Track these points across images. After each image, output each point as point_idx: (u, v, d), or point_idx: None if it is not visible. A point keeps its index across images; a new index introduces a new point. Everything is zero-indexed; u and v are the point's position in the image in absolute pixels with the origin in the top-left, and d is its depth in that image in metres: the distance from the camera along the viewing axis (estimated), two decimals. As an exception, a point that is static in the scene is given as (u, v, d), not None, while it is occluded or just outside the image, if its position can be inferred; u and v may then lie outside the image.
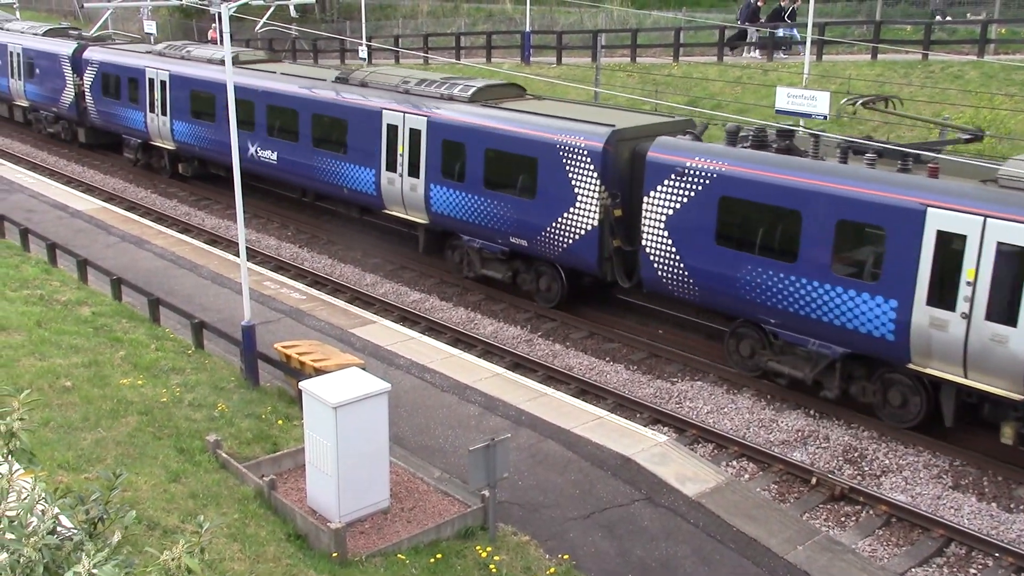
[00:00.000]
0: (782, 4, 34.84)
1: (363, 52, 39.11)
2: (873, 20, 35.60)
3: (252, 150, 27.15)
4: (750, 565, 11.96)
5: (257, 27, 36.37)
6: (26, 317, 17.49)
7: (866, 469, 14.96)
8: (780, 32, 34.82)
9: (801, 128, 19.24)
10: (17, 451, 4.58)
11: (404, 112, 22.54)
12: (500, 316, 21.20)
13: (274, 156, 26.72)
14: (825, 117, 22.27)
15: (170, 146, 31.34)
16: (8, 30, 40.15)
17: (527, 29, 41.07)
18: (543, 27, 45.45)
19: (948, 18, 34.59)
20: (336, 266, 24.78)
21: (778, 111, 23.06)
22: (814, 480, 14.43)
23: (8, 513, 4.45)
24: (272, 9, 29.42)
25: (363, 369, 13.33)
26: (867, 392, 16.05)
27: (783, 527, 12.64)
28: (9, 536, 4.34)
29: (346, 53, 47.42)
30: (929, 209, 14.23)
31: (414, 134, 22.34)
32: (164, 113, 30.79)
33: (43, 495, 4.58)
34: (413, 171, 22.43)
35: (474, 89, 22.44)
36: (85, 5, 43.22)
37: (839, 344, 15.73)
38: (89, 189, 32.05)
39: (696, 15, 40.63)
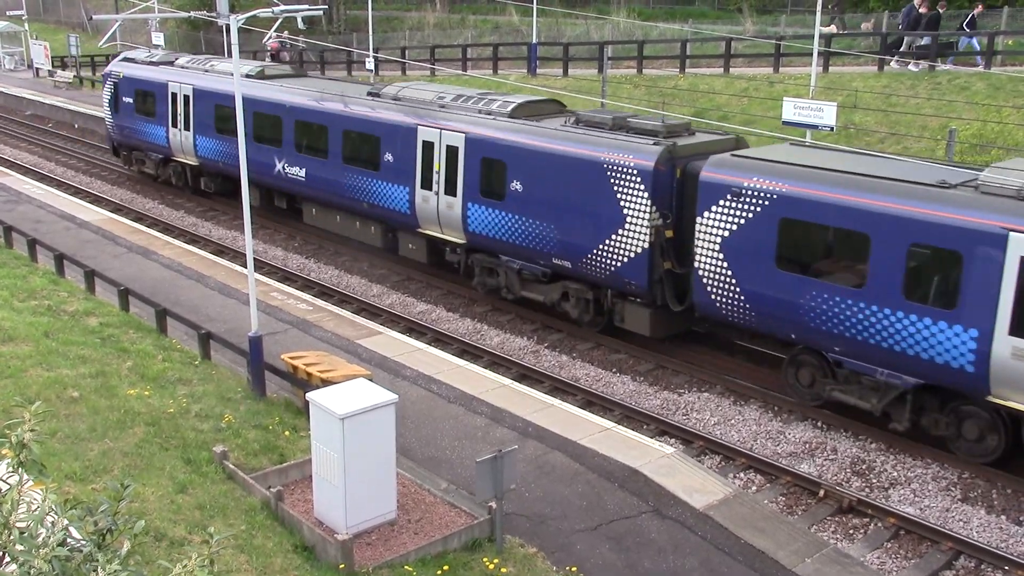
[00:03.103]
0: (929, 9, 32.12)
1: (370, 64, 39.25)
2: (880, 32, 35.61)
3: None
4: (758, 578, 11.92)
5: (265, 39, 36.55)
6: (34, 328, 17.53)
7: (874, 481, 14.91)
8: (967, 41, 32.34)
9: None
10: (28, 462, 4.59)
11: None
12: (507, 327, 21.19)
13: None
14: (832, 129, 22.30)
15: None
16: (414, 105, 23.30)
17: (534, 41, 41.18)
18: (550, 39, 45.56)
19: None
20: (343, 277, 24.81)
21: (785, 122, 23.10)
22: (822, 492, 14.37)
23: (19, 525, 4.46)
24: (280, 21, 29.36)
25: (370, 380, 13.32)
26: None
27: (791, 539, 12.59)
28: (20, 548, 4.34)
29: (353, 65, 47.60)
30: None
31: None
32: None
33: (53, 507, 4.58)
34: None
35: None
36: (94, 17, 43.20)
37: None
38: (97, 200, 32.14)
39: (702, 27, 40.70)
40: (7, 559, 4.44)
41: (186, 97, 30.13)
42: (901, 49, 32.51)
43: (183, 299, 20.95)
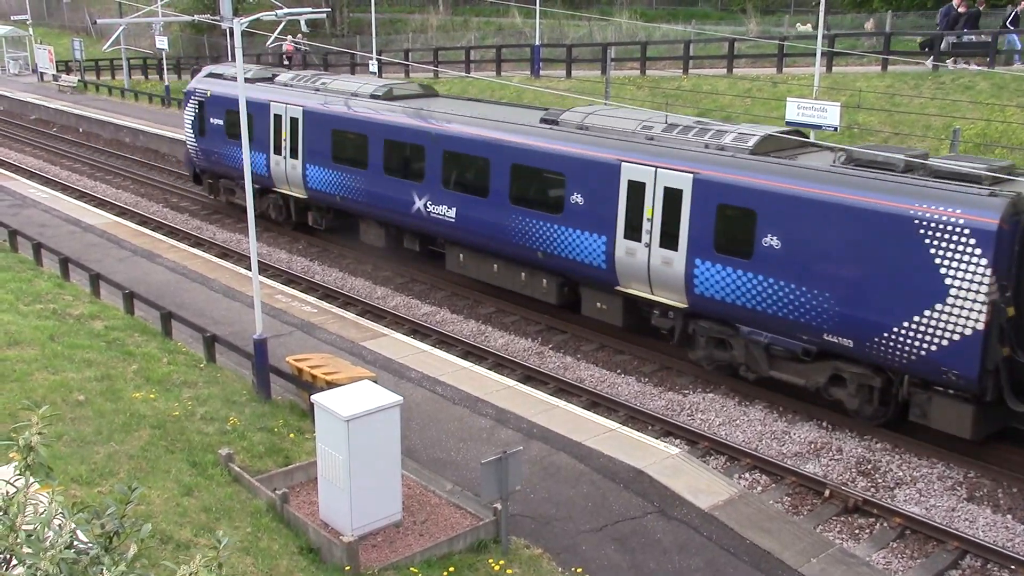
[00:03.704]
0: (967, 7, 31.19)
1: (373, 66, 39.29)
2: (883, 32, 35.58)
3: None
4: (764, 578, 11.91)
5: (268, 42, 36.62)
6: (39, 331, 17.57)
7: (880, 481, 14.89)
8: (1012, 39, 31.28)
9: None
10: (35, 465, 4.60)
11: None
12: (511, 329, 21.20)
13: None
14: (836, 129, 22.29)
15: None
16: (611, 136, 19.17)
17: (537, 42, 41.19)
18: (553, 40, 45.60)
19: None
20: (347, 279, 24.83)
21: (788, 123, 23.09)
22: (827, 492, 14.36)
23: (26, 527, 4.47)
24: (283, 24, 29.28)
25: (375, 382, 13.35)
26: None
27: (796, 540, 12.58)
28: (27, 550, 4.36)
29: (356, 68, 47.67)
30: None
31: None
32: None
33: (60, 509, 4.59)
34: None
35: None
36: (98, 21, 43.29)
37: None
38: (101, 203, 32.21)
39: (705, 28, 40.71)
40: (14, 561, 4.46)
41: (293, 120, 25.93)
42: (941, 48, 31.87)
43: (188, 302, 20.99)
